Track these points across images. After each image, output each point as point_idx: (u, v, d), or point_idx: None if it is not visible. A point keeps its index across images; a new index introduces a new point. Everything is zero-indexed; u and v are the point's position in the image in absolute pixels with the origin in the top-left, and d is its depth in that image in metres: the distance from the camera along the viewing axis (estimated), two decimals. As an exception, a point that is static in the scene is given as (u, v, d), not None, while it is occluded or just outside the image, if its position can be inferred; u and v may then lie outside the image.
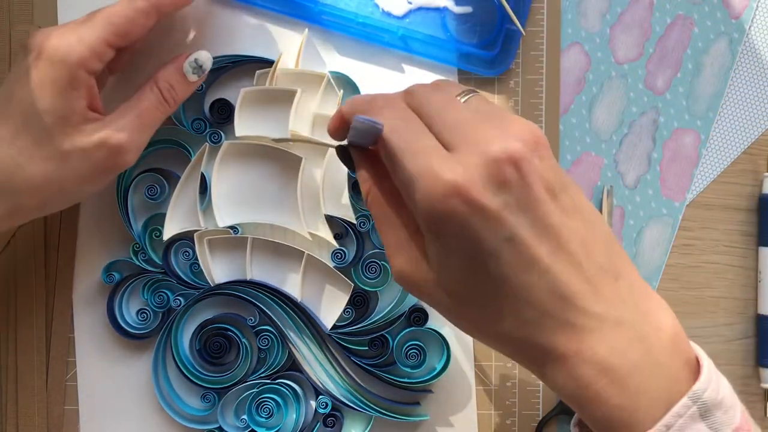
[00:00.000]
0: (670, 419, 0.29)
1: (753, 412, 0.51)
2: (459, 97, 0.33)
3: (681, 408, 0.29)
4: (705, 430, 0.29)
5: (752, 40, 0.51)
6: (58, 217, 0.48)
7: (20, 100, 0.39)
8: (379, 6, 0.48)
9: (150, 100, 0.42)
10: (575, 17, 0.49)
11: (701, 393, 0.29)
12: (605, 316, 0.30)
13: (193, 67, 0.43)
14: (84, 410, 0.48)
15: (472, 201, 0.29)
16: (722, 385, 0.30)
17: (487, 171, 0.29)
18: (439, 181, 0.29)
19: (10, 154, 0.39)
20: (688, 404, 0.29)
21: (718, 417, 0.29)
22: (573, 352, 0.30)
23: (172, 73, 0.43)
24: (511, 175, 0.29)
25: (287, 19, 0.48)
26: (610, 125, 0.50)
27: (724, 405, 0.30)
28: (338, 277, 0.47)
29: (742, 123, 0.51)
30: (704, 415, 0.29)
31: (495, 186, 0.29)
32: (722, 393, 0.30)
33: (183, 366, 0.47)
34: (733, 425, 0.30)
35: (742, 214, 0.51)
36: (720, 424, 0.29)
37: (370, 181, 0.34)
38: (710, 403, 0.29)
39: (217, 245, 0.47)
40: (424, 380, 0.47)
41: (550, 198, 0.30)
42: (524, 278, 0.29)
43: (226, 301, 0.48)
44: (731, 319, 0.51)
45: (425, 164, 0.30)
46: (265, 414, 0.47)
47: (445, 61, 0.49)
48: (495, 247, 0.29)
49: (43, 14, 0.48)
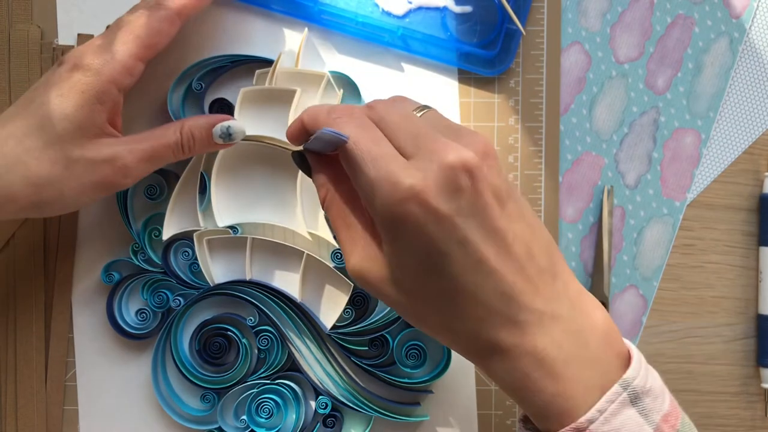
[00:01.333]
0: (603, 405, 0.31)
1: (753, 412, 0.51)
2: (415, 111, 0.36)
3: (612, 395, 0.31)
4: (635, 415, 0.31)
5: (753, 40, 0.51)
6: (57, 217, 0.48)
7: (41, 104, 0.39)
8: (379, 5, 0.48)
9: (168, 141, 0.42)
10: (576, 16, 0.49)
11: (631, 381, 0.32)
12: (544, 311, 0.32)
13: (223, 134, 0.43)
14: (83, 410, 0.48)
15: (428, 205, 0.31)
16: (651, 375, 0.33)
17: (442, 178, 0.31)
18: (399, 186, 0.31)
19: (16, 151, 0.39)
20: (619, 391, 0.31)
21: (647, 403, 0.32)
22: (514, 345, 0.32)
23: (201, 127, 0.43)
24: (464, 182, 0.31)
25: (287, 18, 0.48)
26: (611, 125, 0.50)
27: (653, 393, 0.32)
28: (338, 277, 0.47)
29: (742, 122, 0.51)
30: (634, 401, 0.32)
31: (449, 192, 0.31)
32: (651, 382, 0.32)
33: (182, 366, 0.47)
34: (663, 411, 0.32)
35: (743, 214, 0.51)
36: (649, 410, 0.32)
37: (328, 185, 0.36)
38: (639, 390, 0.32)
39: (217, 245, 0.47)
40: (424, 380, 0.47)
41: (498, 204, 0.32)
42: (473, 278, 0.32)
43: (226, 301, 0.48)
44: (732, 319, 0.51)
45: (385, 170, 0.32)
46: (265, 414, 0.47)
47: (445, 61, 0.49)
48: (447, 249, 0.31)
49: (42, 14, 0.48)
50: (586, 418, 0.31)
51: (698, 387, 0.51)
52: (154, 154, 0.42)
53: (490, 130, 0.49)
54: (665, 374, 0.50)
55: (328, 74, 0.47)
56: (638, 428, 0.31)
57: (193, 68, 0.47)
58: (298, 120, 0.37)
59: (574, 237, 0.50)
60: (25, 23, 0.48)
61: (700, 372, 0.51)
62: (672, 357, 0.51)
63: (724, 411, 0.51)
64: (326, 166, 0.37)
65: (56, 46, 0.47)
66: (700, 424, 0.51)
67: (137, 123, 0.47)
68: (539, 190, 0.49)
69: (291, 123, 0.37)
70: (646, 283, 0.50)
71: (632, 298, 0.50)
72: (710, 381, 0.51)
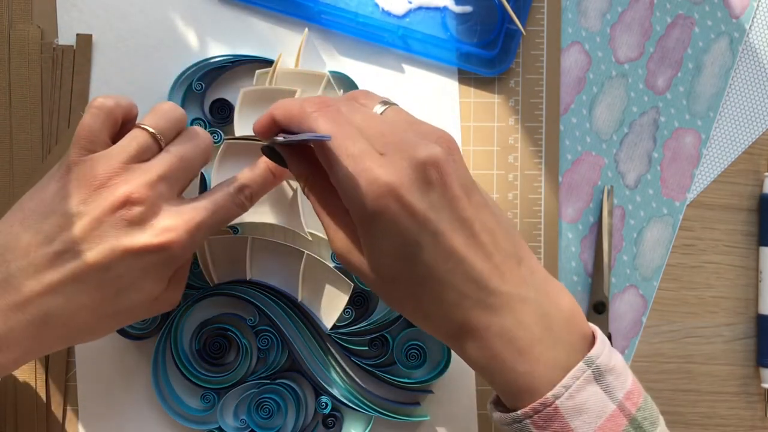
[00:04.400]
0: (568, 381, 0.33)
1: (753, 412, 0.51)
2: (379, 106, 0.37)
3: (577, 371, 0.33)
4: (599, 391, 0.33)
5: (753, 40, 0.51)
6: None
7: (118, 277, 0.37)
8: (379, 5, 0.48)
9: None
10: (575, 16, 0.49)
11: (595, 359, 0.33)
12: (512, 294, 0.34)
13: None
14: (84, 410, 0.48)
15: (403, 201, 0.33)
16: (614, 355, 0.35)
17: (414, 174, 0.33)
18: (376, 183, 0.33)
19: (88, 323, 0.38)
20: (584, 368, 0.33)
21: (611, 381, 0.33)
22: (485, 326, 0.34)
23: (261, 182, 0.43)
24: (434, 177, 0.33)
25: (287, 18, 0.48)
26: (611, 125, 0.50)
27: (616, 371, 0.34)
28: (338, 277, 0.47)
29: (742, 122, 0.51)
30: (598, 378, 0.33)
31: (421, 187, 0.33)
32: (614, 361, 0.34)
33: (183, 366, 0.47)
34: (625, 389, 0.34)
35: (743, 214, 0.51)
36: (613, 387, 0.33)
37: (306, 174, 0.38)
38: (603, 368, 0.33)
39: (217, 245, 0.47)
40: (424, 380, 0.47)
41: (465, 195, 0.34)
42: (444, 265, 0.34)
43: (226, 301, 0.48)
44: (732, 319, 0.51)
45: (362, 167, 0.33)
46: (265, 414, 0.47)
47: (445, 61, 0.49)
48: (420, 240, 0.33)
49: (42, 14, 0.48)
50: (552, 394, 0.33)
51: (698, 387, 0.51)
52: None
53: (490, 130, 0.49)
54: (665, 374, 0.51)
55: (328, 74, 0.47)
56: (602, 404, 0.33)
57: (193, 68, 0.47)
58: (268, 115, 0.37)
59: (574, 237, 0.50)
60: (25, 23, 0.48)
61: (700, 372, 0.51)
62: (672, 357, 0.51)
63: (724, 411, 0.51)
64: (301, 157, 0.38)
65: (56, 46, 0.47)
66: (700, 425, 0.51)
67: (137, 123, 0.47)
68: (539, 190, 0.49)
69: (259, 118, 0.38)
70: (646, 283, 0.50)
71: (632, 298, 0.50)
72: (710, 381, 0.51)
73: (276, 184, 0.43)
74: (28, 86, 0.47)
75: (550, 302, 0.35)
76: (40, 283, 0.36)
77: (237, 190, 0.41)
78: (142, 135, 0.39)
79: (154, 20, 0.48)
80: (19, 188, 0.47)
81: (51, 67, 0.47)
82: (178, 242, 0.38)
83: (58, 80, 0.48)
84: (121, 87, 0.48)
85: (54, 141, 0.47)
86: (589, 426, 0.33)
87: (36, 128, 0.47)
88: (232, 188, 0.41)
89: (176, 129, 0.41)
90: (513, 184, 0.49)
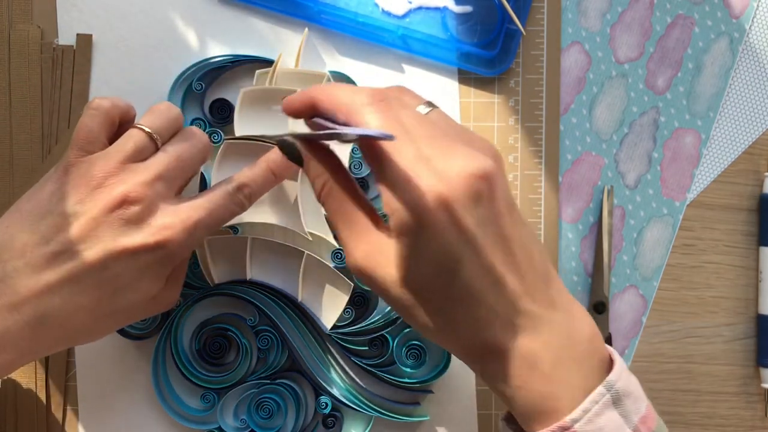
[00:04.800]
0: (588, 405, 0.32)
1: (753, 412, 0.51)
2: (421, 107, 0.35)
3: (597, 395, 0.32)
4: (616, 416, 0.32)
5: (753, 40, 0.51)
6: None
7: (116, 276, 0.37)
8: (379, 5, 0.48)
9: None
10: (575, 16, 0.49)
11: (614, 383, 0.33)
12: (540, 316, 0.33)
13: None
14: (84, 410, 0.48)
15: (453, 214, 0.31)
16: (632, 380, 0.34)
17: (465, 186, 0.31)
18: (430, 191, 0.31)
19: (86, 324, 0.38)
20: (603, 392, 0.32)
21: (628, 405, 0.33)
22: (511, 347, 0.33)
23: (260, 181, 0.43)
24: (484, 191, 0.32)
25: (287, 18, 0.48)
26: (611, 125, 0.50)
27: (633, 395, 0.33)
28: (338, 277, 0.47)
29: (742, 122, 0.51)
30: (616, 402, 0.33)
31: (472, 201, 0.32)
32: (632, 386, 0.34)
33: (183, 366, 0.47)
34: (640, 414, 0.33)
35: (743, 214, 0.51)
36: (629, 411, 0.33)
37: (326, 175, 0.35)
38: (621, 393, 0.33)
39: (217, 245, 0.47)
40: (424, 380, 0.47)
41: (508, 211, 0.33)
42: (481, 282, 0.32)
43: (226, 301, 0.48)
44: (732, 319, 0.51)
45: (416, 172, 0.32)
46: (265, 414, 0.47)
47: (445, 61, 0.49)
48: (463, 256, 0.32)
49: (42, 14, 0.48)
50: (571, 418, 0.32)
51: (698, 387, 0.51)
52: None
53: (490, 130, 0.49)
54: (665, 374, 0.51)
55: (328, 74, 0.47)
56: (618, 429, 0.32)
57: (193, 68, 0.47)
58: (306, 95, 0.35)
59: (574, 237, 0.50)
60: (25, 23, 0.48)
61: (700, 372, 0.51)
62: (672, 357, 0.51)
63: (724, 411, 0.51)
64: (321, 155, 0.35)
65: (56, 46, 0.47)
66: (700, 425, 0.51)
67: (137, 123, 0.47)
68: (539, 190, 0.49)
69: (292, 96, 0.36)
70: (646, 283, 0.50)
71: (632, 298, 0.50)
72: (710, 381, 0.51)
73: (276, 183, 0.43)
74: (28, 86, 0.47)
75: (573, 324, 0.34)
76: (37, 283, 0.36)
77: (236, 188, 0.41)
78: (138, 135, 0.39)
79: (154, 20, 0.48)
80: (19, 188, 0.47)
81: (51, 67, 0.47)
82: (176, 240, 0.38)
83: (58, 80, 0.48)
84: (121, 87, 0.48)
85: (54, 141, 0.47)
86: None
87: (36, 128, 0.47)
88: (230, 187, 0.40)
89: (173, 128, 0.41)
90: (513, 184, 0.49)
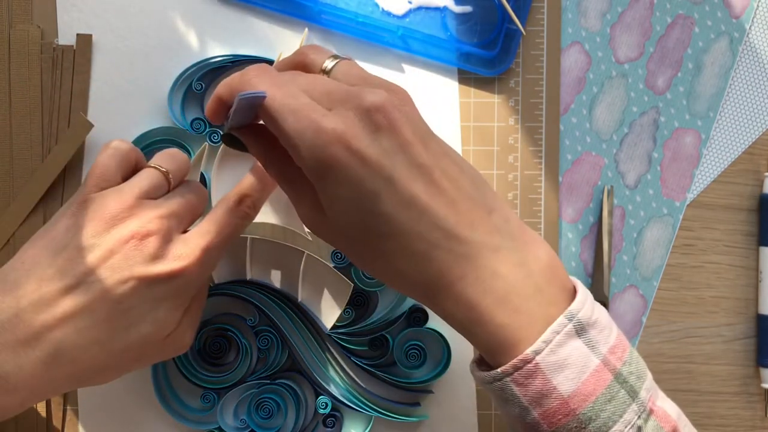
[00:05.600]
0: (549, 335, 0.32)
1: (753, 412, 0.51)
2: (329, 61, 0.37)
3: (558, 326, 0.32)
4: (581, 345, 0.32)
5: (753, 40, 0.51)
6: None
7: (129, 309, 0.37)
8: (379, 5, 0.48)
9: None
10: (575, 16, 0.49)
11: (576, 312, 0.32)
12: (484, 243, 0.33)
13: None
14: (84, 410, 0.48)
15: (351, 148, 0.32)
16: (597, 309, 0.33)
17: (360, 120, 0.32)
18: (321, 131, 0.32)
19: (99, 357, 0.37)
20: (564, 322, 0.32)
21: (593, 335, 0.32)
22: (458, 277, 0.33)
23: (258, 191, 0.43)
24: (381, 122, 0.32)
25: (287, 18, 0.48)
26: (611, 125, 0.50)
27: (599, 325, 0.33)
28: (338, 277, 0.47)
29: (742, 122, 0.51)
30: (579, 332, 0.32)
31: (370, 132, 0.32)
32: (597, 315, 0.33)
33: (183, 366, 0.47)
34: (609, 343, 0.33)
35: (743, 214, 0.51)
36: (596, 342, 0.32)
37: (265, 153, 0.37)
38: (585, 322, 0.32)
39: (217, 245, 0.47)
40: (424, 380, 0.47)
41: (420, 142, 0.33)
42: (407, 214, 0.32)
43: (226, 301, 0.48)
44: (732, 319, 0.51)
45: (306, 119, 0.33)
46: (265, 414, 0.47)
47: (445, 61, 0.49)
48: (376, 188, 0.32)
49: (43, 14, 0.48)
50: (532, 350, 0.31)
51: (698, 387, 0.51)
52: None
53: (490, 130, 0.49)
54: (665, 374, 0.51)
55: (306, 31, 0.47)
56: (584, 359, 0.32)
57: (193, 68, 0.47)
58: (214, 97, 0.37)
59: (574, 237, 0.50)
60: (25, 23, 0.48)
61: (700, 372, 0.51)
62: (672, 357, 0.51)
63: (724, 411, 0.51)
64: (259, 137, 0.37)
65: (56, 46, 0.47)
66: (700, 424, 0.51)
67: (137, 123, 0.47)
68: (539, 190, 0.49)
69: (208, 103, 0.37)
70: (646, 283, 0.50)
71: (632, 298, 0.50)
72: (710, 381, 0.51)
73: (276, 185, 0.43)
74: (28, 86, 0.47)
75: (527, 252, 0.34)
76: (52, 316, 0.36)
77: (237, 203, 0.41)
78: (154, 173, 0.40)
79: (154, 20, 0.48)
80: (19, 188, 0.47)
81: (51, 67, 0.47)
82: (190, 269, 0.38)
83: (58, 80, 0.48)
84: (121, 87, 0.48)
85: (54, 141, 0.47)
86: (572, 382, 0.31)
87: (36, 128, 0.47)
88: (231, 203, 0.41)
89: (182, 172, 0.42)
90: (513, 184, 0.49)
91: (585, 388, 0.32)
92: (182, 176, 0.42)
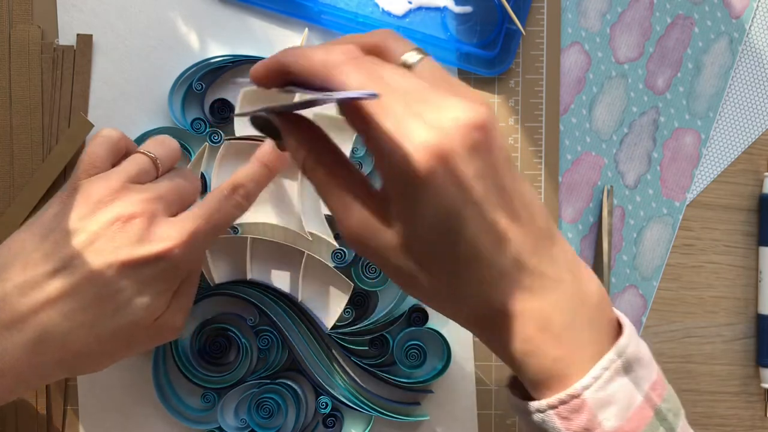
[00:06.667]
0: (598, 371, 0.31)
1: (753, 412, 0.51)
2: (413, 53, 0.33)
3: (607, 362, 0.31)
4: (627, 382, 0.31)
5: (752, 40, 0.51)
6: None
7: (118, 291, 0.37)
8: (379, 5, 0.48)
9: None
10: (575, 17, 0.49)
11: (624, 348, 0.31)
12: (548, 276, 0.32)
13: None
14: (84, 410, 0.48)
15: (449, 164, 0.29)
16: (642, 345, 0.33)
17: (461, 136, 0.30)
18: (423, 144, 0.29)
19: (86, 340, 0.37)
20: (613, 358, 0.31)
21: (639, 372, 0.32)
22: (522, 309, 0.31)
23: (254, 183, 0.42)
24: (480, 141, 0.30)
25: (287, 18, 0.48)
26: (611, 125, 0.50)
27: (643, 361, 0.32)
28: (338, 277, 0.47)
29: (742, 122, 0.51)
30: (626, 369, 0.31)
31: (470, 151, 0.30)
32: (642, 351, 0.32)
33: (183, 366, 0.47)
34: (651, 380, 0.32)
35: (743, 214, 0.51)
36: (640, 378, 0.32)
37: (305, 147, 0.33)
38: (632, 359, 0.32)
39: (217, 245, 0.47)
40: (424, 380, 0.47)
41: (506, 164, 0.31)
42: (487, 240, 0.31)
43: (226, 301, 0.48)
44: (731, 319, 0.51)
45: (407, 127, 0.30)
46: (265, 414, 0.47)
47: (445, 61, 0.49)
48: (464, 212, 0.30)
49: (42, 14, 0.48)
50: (581, 385, 0.31)
51: (698, 387, 0.51)
52: None
53: (490, 130, 0.49)
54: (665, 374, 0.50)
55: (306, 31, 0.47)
56: (629, 396, 0.31)
57: (193, 68, 0.47)
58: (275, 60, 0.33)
59: (574, 237, 0.50)
60: (25, 23, 0.48)
61: (700, 372, 0.51)
62: (672, 357, 0.51)
63: (724, 411, 0.51)
64: (299, 126, 0.34)
65: (56, 46, 0.47)
66: (700, 424, 0.51)
67: (137, 123, 0.47)
68: (539, 190, 0.49)
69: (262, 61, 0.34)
70: (646, 283, 0.50)
71: (632, 298, 0.50)
72: (710, 381, 0.51)
73: (272, 177, 0.42)
74: (29, 86, 0.47)
75: (581, 285, 0.32)
76: (36, 299, 0.36)
77: (230, 191, 0.40)
78: (142, 158, 0.40)
79: (154, 20, 0.48)
80: (19, 188, 0.47)
81: (51, 67, 0.47)
82: (176, 252, 0.37)
83: (58, 80, 0.48)
84: (121, 87, 0.48)
85: (54, 141, 0.47)
86: (617, 419, 0.31)
87: (36, 128, 0.47)
88: (225, 190, 0.40)
89: (173, 159, 0.41)
90: (513, 184, 0.49)
91: (628, 425, 0.31)
92: (172, 162, 0.41)
